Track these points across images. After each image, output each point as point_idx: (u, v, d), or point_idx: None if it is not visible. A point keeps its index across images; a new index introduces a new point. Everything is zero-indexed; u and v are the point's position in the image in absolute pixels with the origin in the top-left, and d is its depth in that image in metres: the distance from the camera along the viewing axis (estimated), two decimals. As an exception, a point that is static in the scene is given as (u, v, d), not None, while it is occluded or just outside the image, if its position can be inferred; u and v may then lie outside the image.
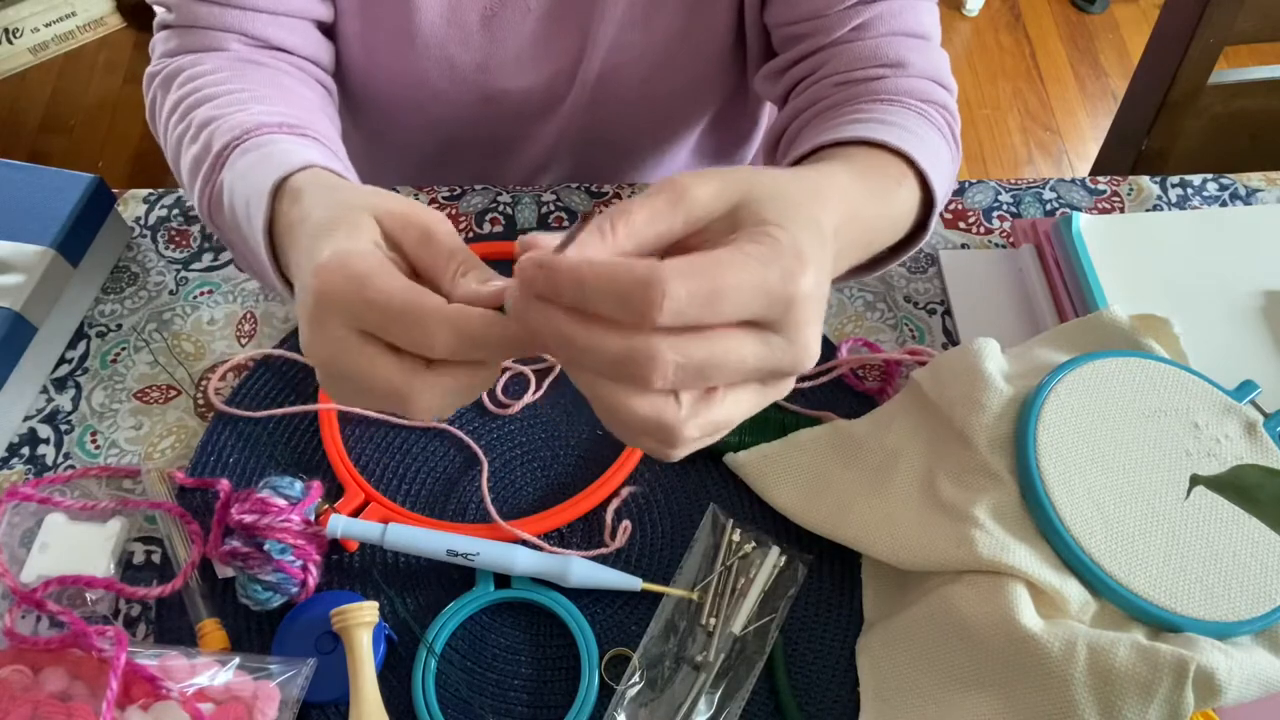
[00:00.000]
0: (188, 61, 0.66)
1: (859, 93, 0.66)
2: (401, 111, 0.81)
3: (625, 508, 0.63)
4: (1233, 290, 0.71)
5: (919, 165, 0.57)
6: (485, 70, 0.75)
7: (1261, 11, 0.99)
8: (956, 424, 0.59)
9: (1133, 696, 0.50)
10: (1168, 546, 0.55)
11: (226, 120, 0.59)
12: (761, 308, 0.37)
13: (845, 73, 0.67)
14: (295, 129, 0.59)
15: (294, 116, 0.61)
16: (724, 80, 0.81)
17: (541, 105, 0.80)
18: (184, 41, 0.67)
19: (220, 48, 0.66)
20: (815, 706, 0.57)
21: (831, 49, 0.68)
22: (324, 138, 0.61)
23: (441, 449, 0.66)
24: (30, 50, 2.19)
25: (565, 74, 0.77)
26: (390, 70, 0.76)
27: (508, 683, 0.58)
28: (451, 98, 0.77)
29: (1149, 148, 1.13)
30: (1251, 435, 0.59)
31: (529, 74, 0.76)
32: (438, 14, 0.72)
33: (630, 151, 0.87)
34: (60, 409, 0.68)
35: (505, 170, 0.87)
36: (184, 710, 0.51)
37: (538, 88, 0.77)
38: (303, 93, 0.67)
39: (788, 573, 0.60)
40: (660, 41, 0.74)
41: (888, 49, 0.66)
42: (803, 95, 0.69)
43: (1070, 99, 2.21)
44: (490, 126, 0.81)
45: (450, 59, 0.74)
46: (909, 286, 0.74)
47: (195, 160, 0.59)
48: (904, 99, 0.65)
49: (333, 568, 0.61)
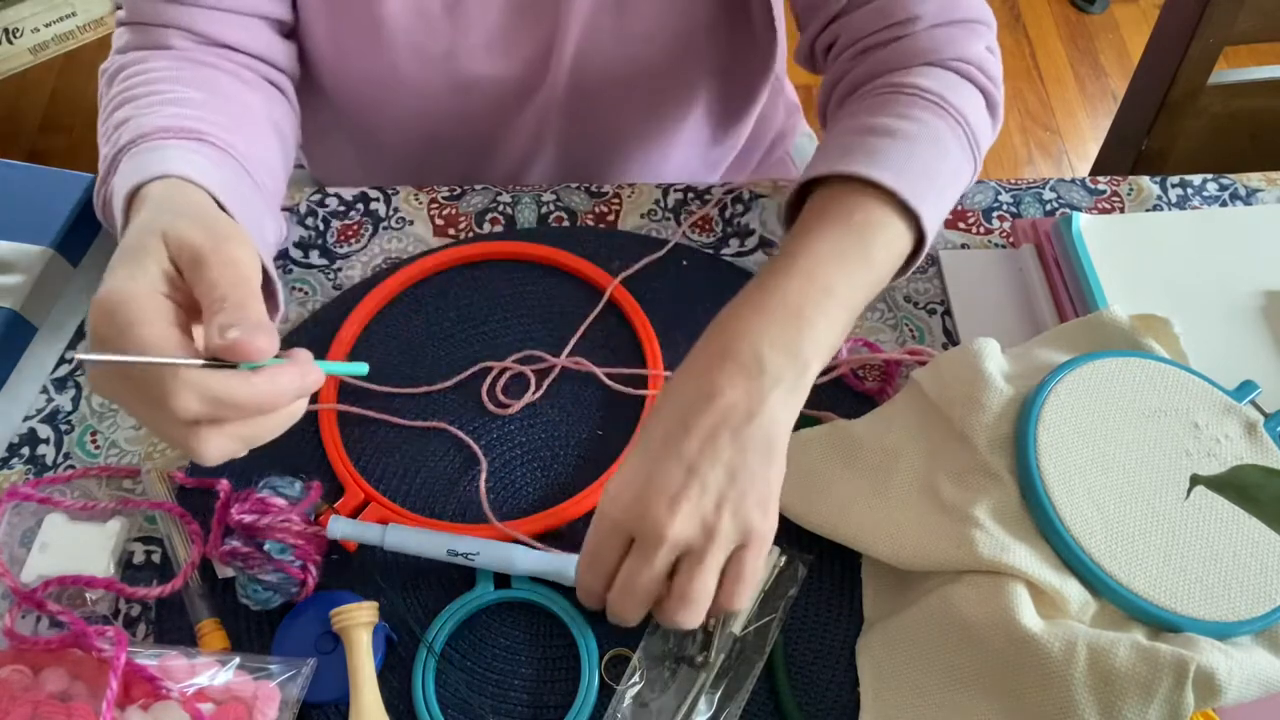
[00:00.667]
0: (132, 59, 0.66)
1: (875, 67, 0.67)
2: (378, 106, 0.80)
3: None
4: (1233, 290, 0.71)
5: (910, 205, 0.58)
6: (454, 58, 0.75)
7: (1261, 11, 0.99)
8: (956, 424, 0.59)
9: (1133, 696, 0.50)
10: (1168, 546, 0.55)
11: (133, 123, 0.59)
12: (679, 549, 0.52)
13: (861, 39, 0.67)
14: (193, 134, 0.59)
15: (202, 121, 0.60)
16: (707, 59, 0.80)
17: (517, 93, 0.79)
18: (134, 39, 0.67)
19: (166, 45, 0.66)
20: (815, 706, 0.57)
21: (843, 18, 0.68)
22: (227, 145, 0.61)
23: (441, 449, 0.66)
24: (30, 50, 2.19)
25: (538, 60, 0.76)
26: (361, 65, 0.76)
27: (508, 683, 0.58)
28: (425, 89, 0.77)
29: (1149, 148, 1.13)
30: (1251, 435, 0.59)
31: (499, 61, 0.76)
32: (400, 4, 0.72)
33: (618, 143, 0.86)
34: (60, 409, 0.68)
35: (490, 165, 0.86)
36: (184, 710, 0.51)
37: (511, 75, 0.77)
38: (242, 97, 0.67)
39: (788, 573, 0.60)
40: (634, 23, 0.74)
41: (896, 5, 0.66)
42: (833, 68, 0.70)
43: (1070, 99, 2.21)
44: (468, 118, 0.81)
45: (417, 47, 0.74)
46: (909, 286, 0.74)
47: (102, 161, 0.60)
48: (908, 85, 0.65)
49: (333, 568, 0.61)
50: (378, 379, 0.69)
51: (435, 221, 0.78)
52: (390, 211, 0.78)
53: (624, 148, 0.86)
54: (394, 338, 0.71)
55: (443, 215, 0.78)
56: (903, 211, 0.59)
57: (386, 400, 0.68)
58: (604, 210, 0.78)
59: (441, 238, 0.77)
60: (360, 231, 0.77)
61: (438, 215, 0.78)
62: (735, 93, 0.87)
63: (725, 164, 0.95)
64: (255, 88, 0.69)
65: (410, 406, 0.68)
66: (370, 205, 0.78)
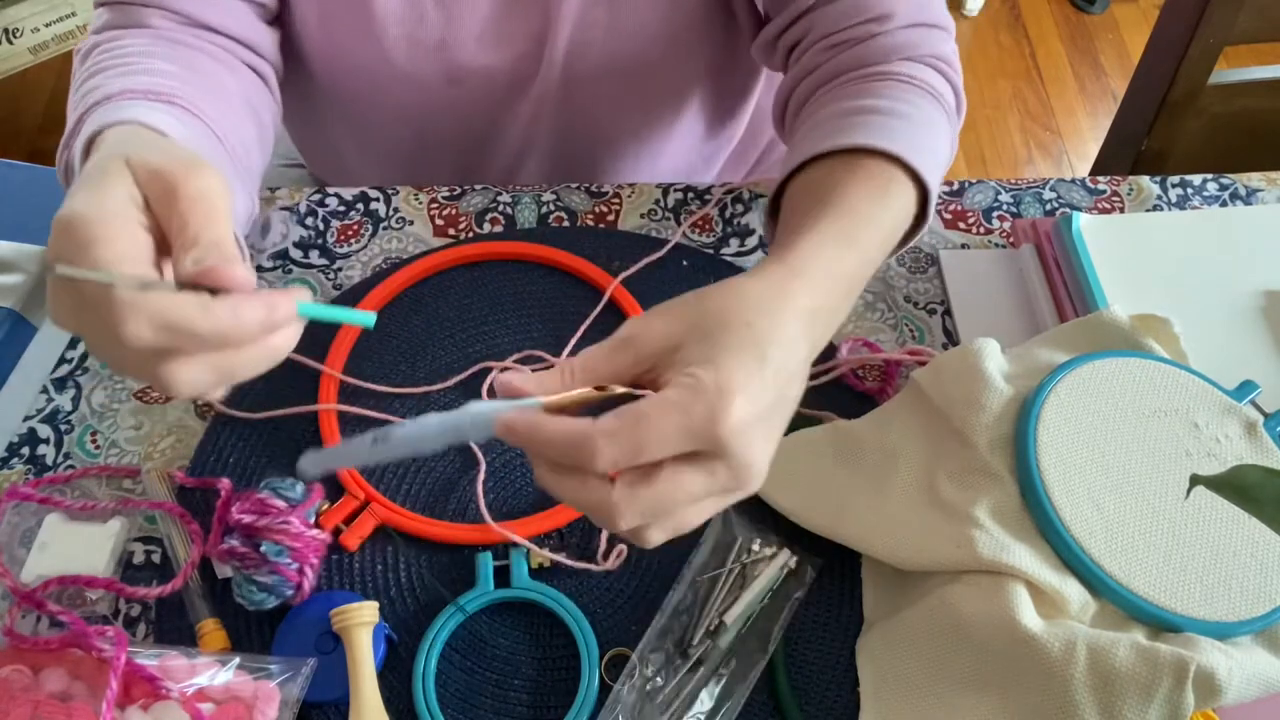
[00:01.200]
0: (108, 37, 0.65)
1: (849, 61, 0.66)
2: (371, 98, 0.80)
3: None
4: (1233, 290, 0.71)
5: (911, 166, 0.57)
6: (446, 48, 0.75)
7: (1261, 11, 0.99)
8: (956, 424, 0.59)
9: (1133, 697, 0.50)
10: (1168, 546, 0.55)
11: (100, 90, 0.58)
12: (693, 446, 0.42)
13: (834, 34, 0.67)
14: (163, 97, 0.57)
15: (174, 90, 0.59)
16: (701, 53, 0.80)
17: (509, 85, 0.79)
18: (112, 18, 0.66)
19: (144, 24, 0.65)
20: (815, 706, 0.57)
21: (816, 11, 0.68)
22: (199, 111, 0.59)
23: (441, 449, 0.66)
24: (30, 50, 2.19)
25: (531, 53, 0.76)
26: (353, 54, 0.75)
27: (508, 683, 0.58)
28: (416, 79, 0.76)
29: (1149, 148, 1.13)
30: (1251, 435, 0.59)
31: (491, 52, 0.76)
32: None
33: (612, 138, 0.85)
34: (60, 409, 0.68)
35: (485, 159, 0.86)
36: (184, 710, 0.51)
37: (503, 67, 0.77)
38: (219, 75, 0.66)
39: (797, 575, 0.60)
40: (627, 17, 0.73)
41: (872, 1, 0.66)
42: (799, 62, 0.69)
43: (1070, 99, 2.21)
44: (461, 111, 0.80)
45: (409, 37, 0.74)
46: (909, 286, 0.74)
47: (67, 128, 0.59)
48: (892, 69, 0.65)
49: (333, 568, 0.61)
50: (378, 379, 0.69)
51: (435, 221, 0.78)
52: (390, 211, 0.78)
53: (619, 142, 0.86)
54: (394, 338, 0.71)
55: (443, 215, 0.78)
56: (907, 171, 0.58)
57: (386, 400, 0.68)
58: (604, 210, 0.78)
59: (441, 238, 0.77)
60: (360, 231, 0.77)
61: (438, 215, 0.78)
62: (729, 87, 0.87)
63: (721, 159, 0.94)
64: (234, 70, 0.68)
65: (410, 407, 0.68)
66: (370, 205, 0.78)
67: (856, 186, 0.57)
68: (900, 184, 0.58)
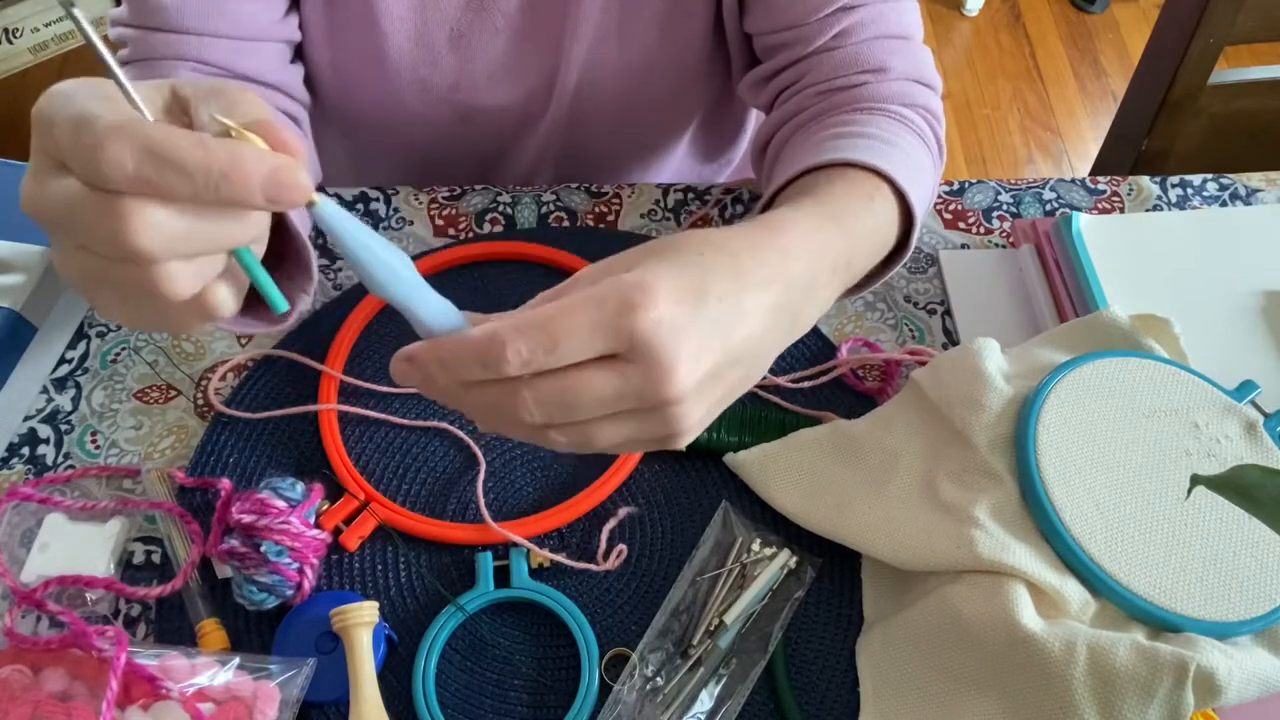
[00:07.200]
0: None
1: (841, 101, 0.66)
2: (380, 132, 0.80)
3: (624, 518, 0.63)
4: (1233, 290, 0.71)
5: (891, 178, 0.57)
6: (458, 90, 0.75)
7: (1261, 11, 0.99)
8: (956, 424, 0.59)
9: (1133, 697, 0.50)
10: (1168, 546, 0.55)
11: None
12: (605, 344, 0.39)
13: (828, 81, 0.67)
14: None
15: None
16: (705, 88, 0.81)
17: (520, 122, 0.79)
18: (137, 75, 0.63)
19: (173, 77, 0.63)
20: (815, 706, 0.57)
21: (813, 58, 0.68)
22: None
23: (441, 449, 0.66)
24: (30, 50, 2.19)
25: (541, 91, 0.76)
26: (364, 94, 0.75)
27: (508, 683, 0.58)
28: (428, 118, 0.77)
29: (1149, 148, 1.13)
30: (1251, 435, 0.59)
31: (503, 92, 0.76)
32: (405, 36, 0.71)
33: (615, 163, 0.87)
34: (60, 409, 0.68)
35: (489, 185, 0.87)
36: (184, 710, 0.51)
37: (514, 105, 0.77)
38: None
39: (797, 574, 0.60)
40: (636, 55, 0.74)
41: (869, 54, 0.66)
42: (787, 104, 0.69)
43: (1070, 99, 2.21)
44: (470, 144, 0.81)
45: (422, 80, 0.74)
46: (909, 286, 0.74)
47: None
48: (884, 105, 0.65)
49: (333, 568, 0.61)
50: (378, 379, 0.69)
51: (435, 221, 0.78)
52: (390, 211, 0.78)
53: (620, 169, 0.88)
54: (394, 338, 0.71)
55: (443, 215, 0.78)
56: (890, 185, 0.58)
57: (386, 400, 0.68)
58: (604, 210, 0.78)
59: (441, 238, 0.77)
60: (360, 231, 0.77)
61: (438, 215, 0.78)
62: (729, 114, 0.88)
63: (720, 181, 0.96)
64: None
65: (410, 407, 0.68)
66: (370, 205, 0.78)
67: (842, 185, 0.56)
68: (885, 198, 0.58)
